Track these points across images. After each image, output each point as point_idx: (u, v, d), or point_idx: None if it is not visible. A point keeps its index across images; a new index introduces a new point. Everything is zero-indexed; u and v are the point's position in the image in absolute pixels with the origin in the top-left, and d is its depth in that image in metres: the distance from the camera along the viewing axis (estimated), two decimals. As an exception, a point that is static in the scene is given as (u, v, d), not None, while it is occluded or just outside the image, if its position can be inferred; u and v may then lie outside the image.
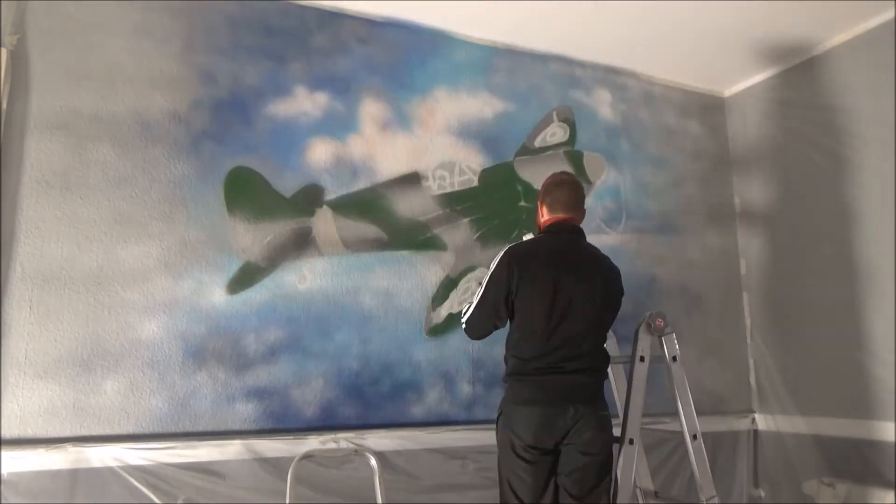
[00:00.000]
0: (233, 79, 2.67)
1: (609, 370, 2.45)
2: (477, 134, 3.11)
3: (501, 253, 2.10)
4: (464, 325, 2.16)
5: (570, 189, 2.20)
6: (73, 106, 2.39)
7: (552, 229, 2.17)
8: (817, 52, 3.26)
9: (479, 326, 2.12)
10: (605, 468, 2.00)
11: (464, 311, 2.16)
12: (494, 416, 2.13)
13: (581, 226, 2.21)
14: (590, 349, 2.04)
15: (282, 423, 2.51)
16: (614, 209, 3.38)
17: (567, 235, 2.15)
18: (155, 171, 2.48)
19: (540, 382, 2.00)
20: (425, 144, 2.99)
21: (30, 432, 2.17)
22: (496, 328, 2.12)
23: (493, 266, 2.09)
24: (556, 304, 2.00)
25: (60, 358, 2.25)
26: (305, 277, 2.66)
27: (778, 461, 3.30)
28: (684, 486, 3.00)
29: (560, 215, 2.17)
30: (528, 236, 2.29)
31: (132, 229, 2.41)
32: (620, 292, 2.18)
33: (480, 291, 2.09)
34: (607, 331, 2.17)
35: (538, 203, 2.27)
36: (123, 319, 2.35)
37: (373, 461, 2.41)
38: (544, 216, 2.22)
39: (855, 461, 2.91)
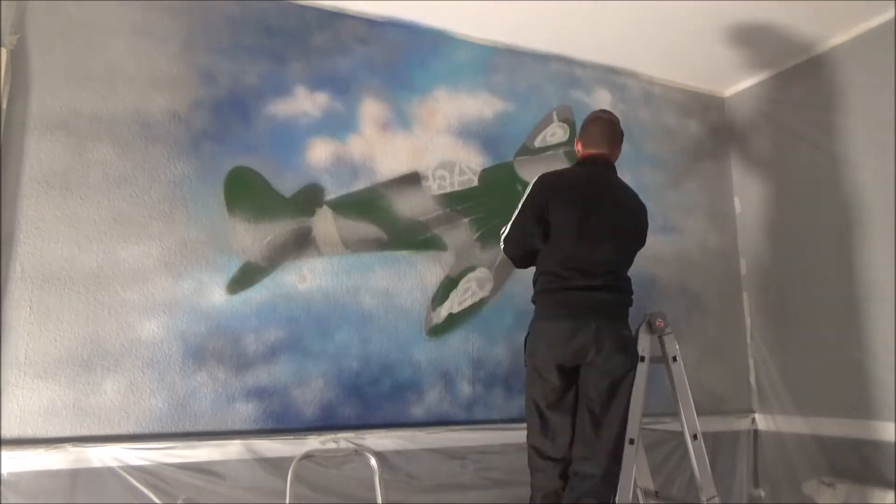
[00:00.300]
0: (233, 79, 2.66)
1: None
2: (477, 134, 3.11)
3: (535, 179, 2.23)
4: (502, 244, 2.27)
5: (603, 125, 2.30)
6: (73, 106, 2.39)
7: (584, 161, 2.29)
8: (817, 52, 3.26)
9: (518, 242, 2.22)
10: (624, 391, 2.06)
11: (502, 230, 2.26)
12: (494, 416, 2.14)
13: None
14: (615, 270, 2.14)
15: (282, 423, 2.51)
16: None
17: (597, 168, 2.25)
18: (155, 171, 2.48)
19: (564, 299, 2.09)
20: (425, 144, 2.99)
21: (30, 432, 2.17)
22: (533, 247, 2.19)
23: (528, 190, 2.22)
24: (585, 227, 2.10)
25: (60, 358, 2.25)
26: (305, 277, 2.66)
27: (778, 461, 3.30)
28: (684, 486, 3.00)
29: (592, 150, 2.28)
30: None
31: (132, 229, 2.41)
32: (646, 225, 2.31)
33: (517, 211, 2.21)
34: (632, 259, 2.26)
35: (576, 140, 2.40)
36: (123, 319, 2.35)
37: (373, 461, 2.41)
38: (580, 152, 2.34)
39: (855, 461, 2.91)
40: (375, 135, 2.90)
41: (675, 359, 2.13)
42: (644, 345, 2.12)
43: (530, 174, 3.17)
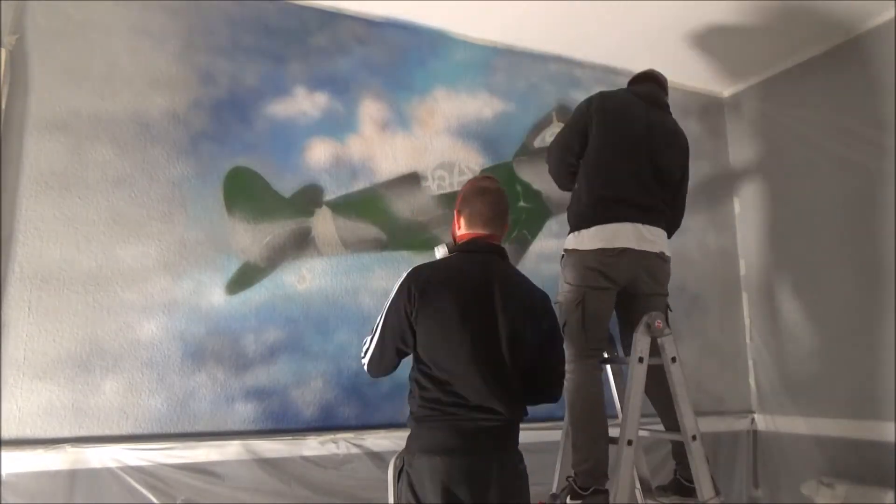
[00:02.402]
0: (232, 79, 2.66)
1: (608, 370, 2.46)
2: (476, 134, 3.11)
3: (403, 276, 1.79)
4: (365, 365, 1.84)
5: (492, 199, 1.88)
6: (72, 106, 2.39)
7: (466, 248, 1.86)
8: (816, 52, 3.26)
9: (380, 364, 1.81)
10: None
11: (363, 350, 1.83)
12: None
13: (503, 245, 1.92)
14: (501, 393, 1.73)
15: (281, 424, 2.51)
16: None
17: (482, 256, 1.83)
18: (154, 172, 2.48)
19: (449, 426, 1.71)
20: (425, 144, 2.99)
21: (29, 433, 2.17)
22: (396, 366, 1.84)
23: (392, 293, 1.78)
24: (461, 340, 1.70)
25: (59, 358, 2.25)
26: (305, 278, 2.66)
27: (777, 461, 3.29)
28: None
29: (478, 231, 1.87)
30: (440, 249, 1.95)
31: (131, 229, 2.41)
32: (552, 325, 1.88)
33: (380, 323, 1.78)
34: (536, 369, 1.82)
35: (455, 212, 1.95)
36: (122, 320, 2.35)
37: None
38: (460, 229, 1.92)
39: (854, 461, 2.91)
40: (375, 135, 2.90)
41: (673, 360, 2.13)
42: (643, 346, 2.12)
43: (530, 174, 3.18)
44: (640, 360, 2.11)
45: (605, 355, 2.46)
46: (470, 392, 1.71)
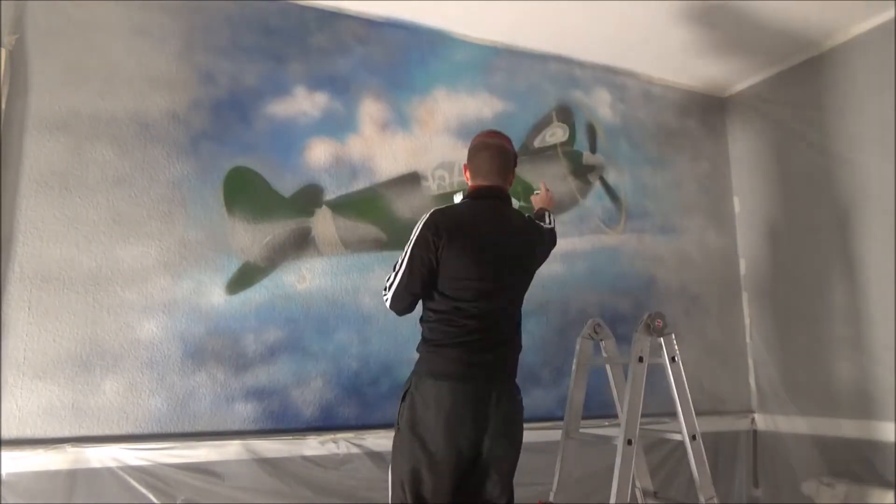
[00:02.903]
0: (232, 79, 2.66)
1: (608, 370, 2.46)
2: (476, 134, 3.09)
3: (425, 217, 1.93)
4: (388, 300, 1.96)
5: (491, 154, 2.05)
6: (72, 106, 2.39)
7: (475, 195, 2.05)
8: (817, 52, 3.26)
9: (404, 298, 1.94)
10: (513, 467, 1.90)
11: (388, 284, 1.95)
12: None
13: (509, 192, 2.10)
14: (510, 319, 1.97)
15: (281, 424, 2.51)
16: (614, 209, 3.38)
17: (487, 202, 2.02)
18: (154, 172, 2.48)
19: (459, 356, 1.85)
20: (424, 144, 2.99)
21: (29, 433, 2.17)
22: (419, 298, 1.96)
23: (415, 232, 1.92)
24: (478, 272, 1.87)
25: (59, 358, 2.25)
26: (305, 277, 2.66)
27: (777, 461, 3.29)
28: (684, 487, 2.99)
29: (482, 182, 2.04)
30: (458, 196, 2.19)
31: (131, 229, 2.41)
32: (545, 255, 2.17)
33: (405, 260, 1.91)
34: (522, 296, 2.06)
35: (464, 166, 2.14)
36: (122, 320, 2.35)
37: None
38: (469, 181, 2.10)
39: (854, 461, 2.91)
40: (375, 135, 2.90)
41: (673, 359, 2.13)
42: (643, 345, 2.12)
43: (530, 174, 3.18)
44: (640, 359, 2.11)
45: (605, 354, 2.46)
46: (480, 322, 1.86)
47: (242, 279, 2.55)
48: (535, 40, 3.25)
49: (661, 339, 2.14)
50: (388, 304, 1.97)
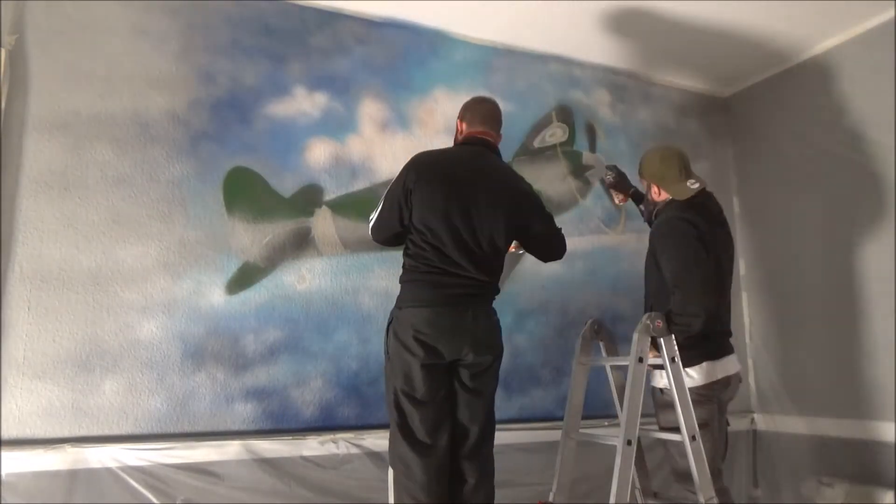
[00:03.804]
0: (231, 79, 2.66)
1: (608, 370, 2.46)
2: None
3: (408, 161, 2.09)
4: (370, 231, 2.15)
5: (484, 109, 2.22)
6: (72, 106, 2.39)
7: (464, 141, 2.19)
8: (817, 52, 3.26)
9: (382, 229, 2.11)
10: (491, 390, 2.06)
11: (372, 216, 2.13)
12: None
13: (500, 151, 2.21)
14: (486, 262, 2.03)
15: (281, 424, 2.51)
16: (614, 209, 3.37)
17: (475, 147, 2.14)
18: (154, 172, 2.48)
19: (435, 282, 1.99)
20: (424, 144, 2.98)
21: (28, 433, 2.17)
22: (398, 232, 2.08)
23: (399, 173, 2.08)
24: (445, 207, 1.98)
25: (59, 358, 2.25)
26: (304, 278, 2.66)
27: (777, 461, 3.29)
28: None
29: (476, 129, 2.17)
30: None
31: (131, 229, 2.41)
32: (529, 210, 2.14)
33: (384, 196, 2.09)
34: (504, 246, 2.11)
35: (457, 122, 2.26)
36: (122, 320, 2.35)
37: None
38: (462, 132, 2.22)
39: (854, 461, 2.91)
40: (374, 135, 2.90)
41: (673, 359, 2.13)
42: (643, 346, 2.12)
43: (529, 174, 3.16)
44: (640, 360, 2.11)
45: (605, 354, 2.46)
46: (452, 254, 1.98)
47: (242, 279, 2.55)
48: (535, 40, 3.25)
49: (661, 339, 2.13)
50: (370, 234, 2.15)
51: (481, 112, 2.20)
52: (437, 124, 3.03)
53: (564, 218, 3.17)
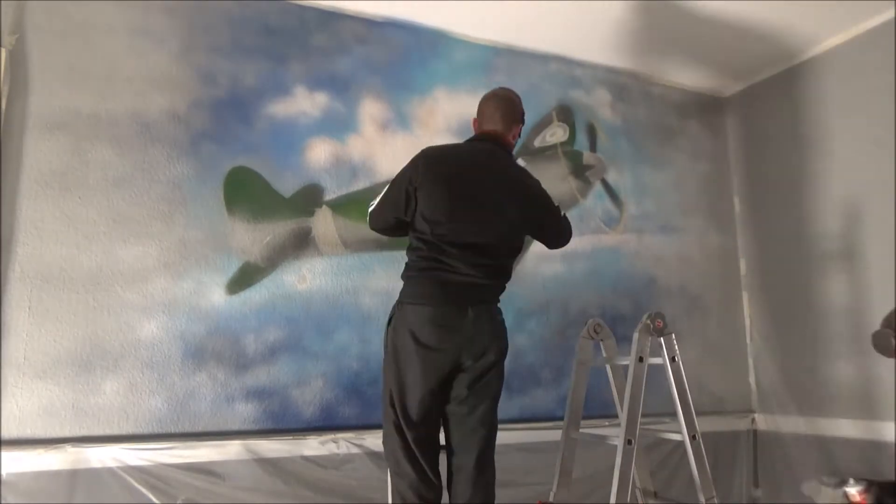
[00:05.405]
0: (232, 79, 2.66)
1: (608, 370, 2.46)
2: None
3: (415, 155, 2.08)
4: (369, 218, 2.15)
5: (497, 102, 2.19)
6: (73, 106, 2.39)
7: (474, 138, 2.19)
8: (817, 52, 3.26)
9: (379, 218, 2.10)
10: (497, 387, 2.00)
11: (372, 203, 2.13)
12: None
13: (511, 148, 2.19)
14: (491, 261, 2.00)
15: (281, 424, 2.51)
16: (614, 209, 3.37)
17: (485, 144, 2.13)
18: (154, 172, 2.48)
19: (434, 278, 1.95)
20: (425, 144, 2.93)
21: (29, 433, 2.17)
22: (397, 222, 2.06)
23: (406, 165, 2.08)
24: (449, 204, 1.96)
25: (59, 358, 2.25)
26: (305, 277, 2.66)
27: (778, 461, 3.29)
28: (684, 487, 2.99)
29: (487, 128, 2.17)
30: None
31: (131, 229, 2.41)
32: (541, 211, 2.13)
33: (388, 187, 2.08)
34: (515, 249, 2.10)
35: (473, 122, 2.26)
36: (123, 320, 2.35)
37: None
38: (476, 130, 2.23)
39: (854, 461, 2.91)
40: (375, 135, 2.90)
41: (673, 359, 2.13)
42: (643, 345, 2.12)
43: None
44: (640, 359, 2.11)
45: (605, 354, 2.46)
46: (454, 252, 1.95)
47: (243, 279, 2.55)
48: (536, 40, 3.25)
49: (661, 339, 2.13)
50: (368, 221, 2.15)
51: (492, 108, 2.19)
52: (437, 124, 3.03)
53: (565, 218, 3.16)
